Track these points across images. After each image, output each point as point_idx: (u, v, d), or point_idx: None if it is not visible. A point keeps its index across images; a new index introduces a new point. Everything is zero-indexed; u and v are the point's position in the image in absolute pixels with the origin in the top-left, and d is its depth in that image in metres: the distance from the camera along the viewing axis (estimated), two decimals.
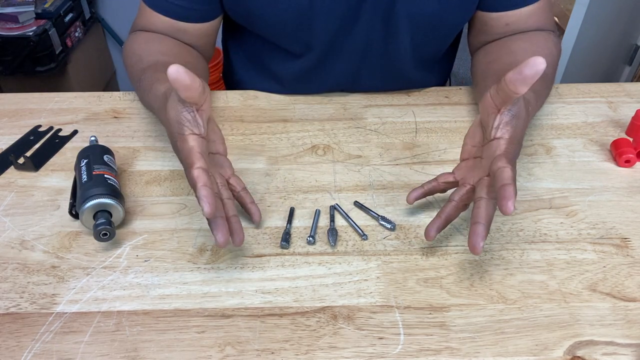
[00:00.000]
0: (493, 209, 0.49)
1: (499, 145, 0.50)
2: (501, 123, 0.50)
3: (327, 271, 0.53)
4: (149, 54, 0.67)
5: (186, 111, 0.50)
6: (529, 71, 0.45)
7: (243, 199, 0.57)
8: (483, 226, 0.47)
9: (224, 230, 0.48)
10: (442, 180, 0.56)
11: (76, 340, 0.47)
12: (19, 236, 0.57)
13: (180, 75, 0.45)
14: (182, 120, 0.50)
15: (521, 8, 0.70)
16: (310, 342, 0.47)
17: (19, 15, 1.64)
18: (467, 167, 0.54)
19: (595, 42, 1.49)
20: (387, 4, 0.67)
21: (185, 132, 0.50)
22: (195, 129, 0.50)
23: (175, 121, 0.50)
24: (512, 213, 0.44)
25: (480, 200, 0.49)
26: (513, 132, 0.50)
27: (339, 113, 0.76)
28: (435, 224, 0.53)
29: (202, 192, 0.46)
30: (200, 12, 0.70)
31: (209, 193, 0.46)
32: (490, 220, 0.48)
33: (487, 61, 0.71)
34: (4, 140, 0.71)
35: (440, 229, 0.53)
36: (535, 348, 0.46)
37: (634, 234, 0.57)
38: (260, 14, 0.69)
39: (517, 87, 0.46)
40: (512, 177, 0.46)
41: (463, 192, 0.53)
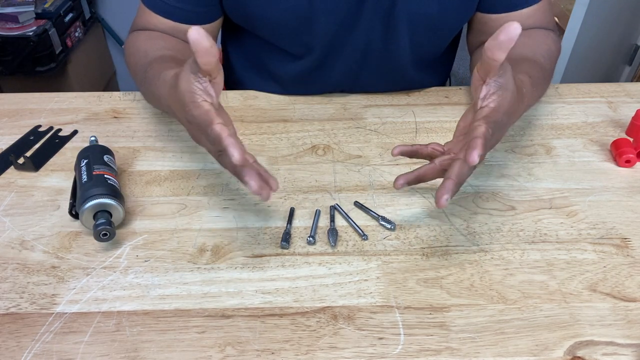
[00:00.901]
0: (467, 169, 0.50)
1: (482, 112, 0.51)
2: (487, 94, 0.51)
3: (327, 271, 0.53)
4: (154, 49, 0.67)
5: (198, 81, 0.49)
6: (503, 36, 0.45)
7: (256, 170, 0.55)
8: (452, 182, 0.48)
9: (256, 177, 0.47)
10: (432, 146, 0.56)
11: (76, 340, 0.47)
12: (19, 236, 0.57)
13: (201, 37, 0.44)
14: (194, 89, 0.49)
15: (521, 9, 0.70)
16: (311, 342, 0.47)
17: (19, 15, 1.64)
18: (456, 141, 0.55)
19: (595, 42, 1.49)
20: (388, 5, 0.67)
21: (197, 99, 0.49)
22: (208, 98, 0.49)
23: (187, 91, 0.49)
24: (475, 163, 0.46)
25: (456, 161, 0.50)
26: (499, 101, 0.51)
27: (339, 113, 0.76)
28: (407, 175, 0.54)
29: (229, 140, 0.45)
30: (200, 14, 0.70)
31: (237, 140, 0.46)
32: (461, 179, 0.49)
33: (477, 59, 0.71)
34: (4, 140, 0.71)
35: (410, 181, 0.54)
36: (536, 348, 0.46)
37: (634, 234, 0.57)
38: (260, 16, 0.69)
39: (494, 52, 0.47)
40: (484, 133, 0.47)
41: (445, 157, 0.54)
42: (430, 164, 0.54)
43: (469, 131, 0.49)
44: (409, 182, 0.55)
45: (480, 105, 0.51)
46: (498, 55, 0.47)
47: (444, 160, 0.53)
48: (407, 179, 0.55)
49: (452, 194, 0.48)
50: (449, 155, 0.54)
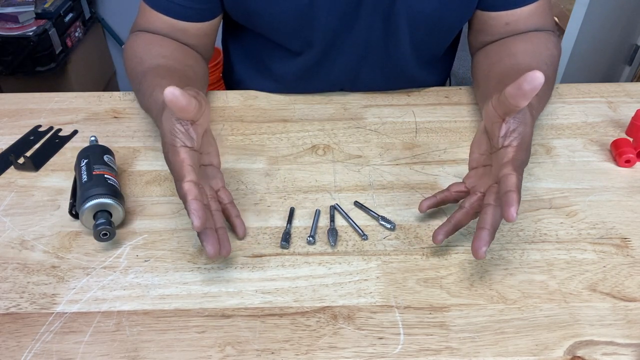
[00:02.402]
0: (500, 216, 0.49)
1: (507, 153, 0.50)
2: (508, 131, 0.51)
3: (327, 271, 0.53)
4: (150, 56, 0.67)
5: (179, 124, 0.50)
6: (527, 86, 0.45)
7: (229, 211, 0.57)
8: (487, 232, 0.48)
9: (214, 242, 0.49)
10: (454, 190, 0.56)
11: (76, 340, 0.47)
12: (19, 236, 0.57)
13: (176, 97, 0.46)
14: (175, 131, 0.50)
15: (521, 7, 0.70)
16: (310, 342, 0.47)
17: (19, 15, 1.64)
18: (477, 175, 0.55)
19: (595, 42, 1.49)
20: (388, 3, 0.67)
21: (177, 143, 0.50)
22: (188, 142, 0.50)
23: (168, 132, 0.51)
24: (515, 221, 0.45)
25: (488, 207, 0.49)
26: (521, 139, 0.50)
27: (339, 113, 0.76)
28: (444, 228, 0.53)
29: (192, 206, 0.47)
30: (200, 11, 0.70)
31: (199, 206, 0.47)
32: (495, 227, 0.49)
33: (488, 63, 0.71)
34: (4, 140, 0.71)
35: (449, 233, 0.53)
36: (535, 348, 0.46)
37: (634, 234, 0.57)
38: (261, 13, 0.69)
39: (517, 101, 0.47)
40: (516, 184, 0.47)
41: (474, 199, 0.53)
42: (461, 209, 0.53)
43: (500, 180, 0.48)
44: (448, 235, 0.53)
45: (502, 144, 0.51)
46: (522, 103, 0.47)
47: (474, 202, 0.53)
48: (446, 232, 0.53)
49: (489, 244, 0.48)
50: (476, 196, 0.53)
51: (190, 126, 0.51)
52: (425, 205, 0.56)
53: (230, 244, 0.52)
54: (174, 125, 0.50)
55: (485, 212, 0.49)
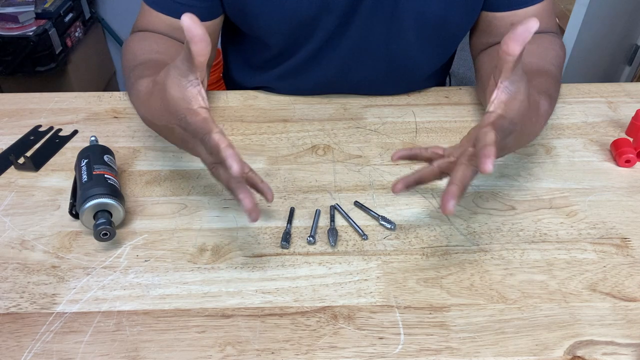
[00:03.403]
0: (471, 174, 0.49)
1: (489, 117, 0.49)
2: (496, 99, 0.50)
3: (327, 271, 0.53)
4: (142, 52, 0.67)
5: (191, 85, 0.48)
6: (521, 28, 0.44)
7: (252, 179, 0.55)
8: (456, 187, 0.47)
9: (250, 195, 0.47)
10: (432, 150, 0.55)
11: (76, 340, 0.47)
12: (19, 236, 0.57)
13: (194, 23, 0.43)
14: (188, 95, 0.48)
15: (526, 8, 0.70)
16: (311, 342, 0.47)
17: (19, 15, 1.64)
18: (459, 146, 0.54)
19: (595, 42, 1.49)
20: (390, 4, 0.67)
21: (193, 105, 0.48)
22: (202, 103, 0.48)
23: (180, 99, 0.48)
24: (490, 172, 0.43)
25: (459, 166, 0.49)
26: (506, 109, 0.49)
27: (339, 113, 0.76)
28: (406, 179, 0.53)
29: (228, 152, 0.44)
30: (201, 10, 0.70)
31: (235, 152, 0.44)
32: (464, 184, 0.48)
33: (493, 65, 0.71)
34: (4, 140, 0.71)
35: (409, 185, 0.53)
36: (536, 348, 0.46)
37: (634, 234, 0.57)
38: (258, 14, 0.69)
39: (509, 45, 0.45)
40: (494, 140, 0.45)
41: (445, 160, 0.53)
42: (428, 167, 0.54)
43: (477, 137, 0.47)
44: (408, 186, 0.54)
45: (487, 109, 0.50)
46: (513, 47, 0.45)
47: (443, 163, 0.53)
48: (406, 182, 0.54)
49: (458, 199, 0.47)
50: (448, 159, 0.53)
51: (201, 87, 0.48)
52: (399, 154, 0.55)
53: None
54: (185, 90, 0.48)
55: (456, 170, 0.49)
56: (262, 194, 0.56)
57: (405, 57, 0.74)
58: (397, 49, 0.72)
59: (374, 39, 0.71)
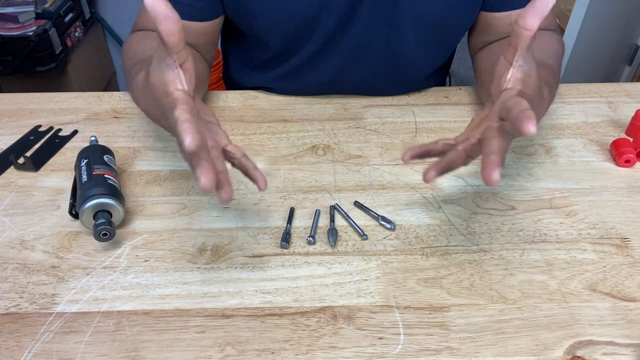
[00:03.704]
0: (507, 143, 0.46)
1: (512, 91, 0.48)
2: (513, 76, 0.49)
3: (327, 271, 0.53)
4: (142, 50, 0.67)
5: (169, 69, 0.46)
6: (539, 3, 0.44)
7: (245, 165, 0.51)
8: (496, 155, 0.44)
9: (208, 172, 0.42)
10: (443, 142, 0.53)
11: (76, 340, 0.47)
12: (19, 236, 0.57)
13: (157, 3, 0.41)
14: (165, 79, 0.46)
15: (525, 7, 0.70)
16: (310, 342, 0.47)
17: (19, 15, 1.64)
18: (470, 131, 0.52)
19: (595, 42, 1.49)
20: (390, 3, 0.67)
21: (169, 88, 0.46)
22: (179, 85, 0.47)
23: (158, 82, 0.47)
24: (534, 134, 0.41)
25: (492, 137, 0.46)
26: (524, 86, 0.48)
27: (339, 113, 0.76)
28: (437, 165, 0.50)
29: (183, 126, 0.40)
30: (201, 9, 0.70)
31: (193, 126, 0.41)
32: (503, 152, 0.45)
33: (492, 61, 0.71)
34: (4, 140, 0.71)
35: (441, 171, 0.51)
36: (535, 348, 0.46)
37: (634, 234, 0.57)
38: (259, 14, 0.69)
39: (526, 20, 0.44)
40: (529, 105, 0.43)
41: (468, 143, 0.50)
42: (454, 150, 0.51)
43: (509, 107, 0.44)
44: (439, 173, 0.51)
45: (505, 87, 0.49)
46: (531, 22, 0.44)
47: (467, 146, 0.50)
48: (438, 170, 0.50)
49: (501, 168, 0.43)
50: (471, 141, 0.50)
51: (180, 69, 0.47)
52: (410, 154, 0.53)
53: (231, 188, 0.46)
54: (163, 74, 0.47)
55: (491, 141, 0.45)
56: (254, 182, 0.51)
57: (405, 57, 0.74)
58: (397, 49, 0.72)
59: (374, 39, 0.71)
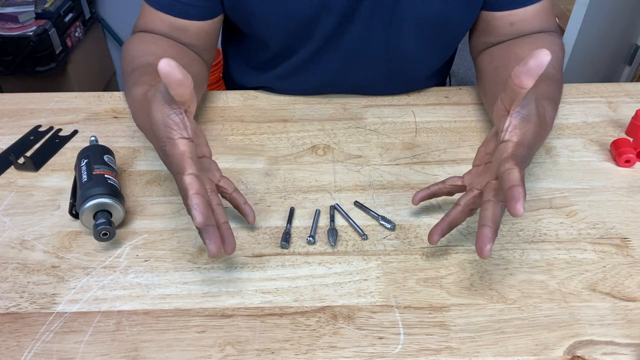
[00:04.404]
0: (500, 211, 0.48)
1: (507, 148, 0.49)
2: (510, 125, 0.50)
3: (327, 271, 0.53)
4: (141, 54, 0.67)
5: (174, 114, 0.48)
6: (533, 63, 0.44)
7: (236, 200, 0.55)
8: (490, 229, 0.46)
9: (216, 239, 0.47)
10: (450, 183, 0.55)
11: (76, 340, 0.47)
12: (19, 236, 0.57)
13: (172, 69, 0.43)
14: (170, 123, 0.48)
15: (525, 7, 0.70)
16: (310, 342, 0.47)
17: (19, 15, 1.64)
18: (477, 172, 0.54)
19: (595, 42, 1.49)
20: (390, 4, 0.67)
21: (174, 136, 0.48)
22: (184, 132, 0.48)
23: (162, 124, 0.48)
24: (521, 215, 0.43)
25: (487, 203, 0.48)
26: (522, 135, 0.49)
27: (339, 113, 0.76)
28: (439, 227, 0.52)
29: (194, 201, 0.44)
30: (200, 9, 0.70)
31: (201, 201, 0.45)
32: (497, 223, 0.47)
33: (493, 67, 0.71)
34: (4, 140, 0.71)
35: (444, 233, 0.52)
36: (535, 348, 0.46)
37: (634, 234, 0.57)
38: (259, 14, 0.69)
39: (521, 80, 0.45)
40: (520, 178, 0.45)
41: (470, 196, 0.52)
42: (456, 207, 0.52)
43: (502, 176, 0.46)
44: (444, 234, 0.52)
45: (502, 137, 0.50)
46: (525, 81, 0.45)
47: (469, 200, 0.52)
48: (441, 231, 0.52)
49: (493, 240, 0.45)
50: (472, 194, 0.52)
51: (185, 115, 0.48)
52: (419, 197, 0.55)
53: (235, 240, 0.50)
54: (168, 117, 0.48)
55: (486, 209, 0.48)
56: (244, 216, 0.55)
57: (405, 57, 0.74)
58: (397, 49, 0.72)
59: (374, 39, 0.71)
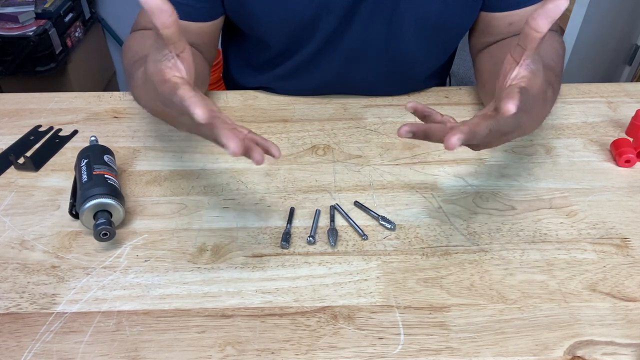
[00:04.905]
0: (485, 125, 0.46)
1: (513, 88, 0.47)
2: (518, 75, 0.49)
3: (327, 271, 0.53)
4: (143, 48, 0.66)
5: (165, 59, 0.47)
6: (551, 5, 0.44)
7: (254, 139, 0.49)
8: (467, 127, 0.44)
9: (233, 135, 0.42)
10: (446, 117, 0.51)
11: (76, 340, 0.47)
12: (19, 236, 0.57)
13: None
14: (162, 67, 0.47)
15: (525, 7, 0.70)
16: (311, 342, 0.47)
17: (19, 15, 1.64)
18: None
19: (595, 42, 1.49)
20: (390, 5, 0.67)
21: (167, 75, 0.46)
22: (177, 73, 0.47)
23: (156, 72, 0.47)
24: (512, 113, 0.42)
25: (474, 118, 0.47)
26: (530, 84, 0.48)
27: (339, 113, 0.76)
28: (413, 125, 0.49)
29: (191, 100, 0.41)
30: (201, 9, 0.70)
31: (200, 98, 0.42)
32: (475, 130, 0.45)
33: (493, 62, 0.71)
34: (4, 140, 0.71)
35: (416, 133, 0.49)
36: (535, 348, 0.46)
37: (634, 234, 0.57)
38: (259, 14, 0.69)
39: (537, 22, 0.44)
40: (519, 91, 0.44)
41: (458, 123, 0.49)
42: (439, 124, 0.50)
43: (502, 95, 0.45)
44: (415, 134, 0.49)
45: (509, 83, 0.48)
46: (542, 24, 0.44)
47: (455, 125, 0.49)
48: (413, 128, 0.49)
49: (465, 138, 0.43)
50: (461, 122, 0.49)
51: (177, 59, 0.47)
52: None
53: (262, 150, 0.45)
54: (159, 64, 0.47)
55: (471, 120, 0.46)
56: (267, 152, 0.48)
57: (405, 57, 0.74)
58: (397, 49, 0.72)
59: (374, 39, 0.71)
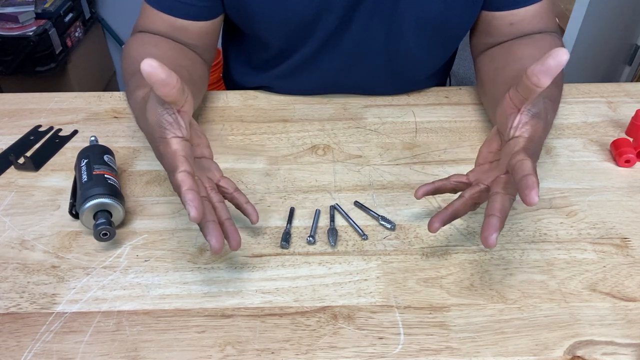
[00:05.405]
0: (509, 204, 0.47)
1: (518, 143, 0.49)
2: (520, 123, 0.49)
3: (327, 271, 0.53)
4: (142, 57, 0.67)
5: (167, 113, 0.48)
6: (552, 61, 0.44)
7: (237, 199, 0.54)
8: (497, 218, 0.45)
9: (217, 235, 0.46)
10: (454, 179, 0.54)
11: (76, 340, 0.47)
12: (19, 236, 0.57)
13: (154, 69, 0.43)
14: (163, 123, 0.48)
15: (525, 7, 0.70)
16: (310, 342, 0.47)
17: (19, 15, 1.64)
18: (482, 170, 0.53)
19: (595, 42, 1.49)
20: (390, 5, 0.67)
21: (167, 135, 0.48)
22: (178, 132, 0.48)
23: (156, 124, 0.48)
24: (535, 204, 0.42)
25: (496, 195, 0.47)
26: (533, 131, 0.49)
27: (339, 113, 0.76)
28: (441, 215, 0.51)
29: (187, 196, 0.44)
30: (201, 9, 0.70)
31: (195, 196, 0.44)
32: (505, 214, 0.47)
33: (494, 67, 0.71)
34: (4, 140, 0.71)
35: (445, 222, 0.51)
36: (535, 348, 0.46)
37: (634, 234, 0.57)
38: (259, 14, 0.69)
39: (539, 79, 0.45)
40: (533, 168, 0.44)
41: (475, 190, 0.51)
42: (460, 198, 0.51)
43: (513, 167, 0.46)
44: (444, 223, 0.51)
45: (512, 134, 0.49)
46: (544, 80, 0.45)
47: (474, 193, 0.51)
48: (442, 219, 0.51)
49: (499, 231, 0.45)
50: (478, 187, 0.51)
51: (178, 114, 0.48)
52: (422, 191, 0.54)
53: (239, 236, 0.49)
54: (162, 117, 0.48)
55: (494, 201, 0.47)
56: (247, 215, 0.54)
57: (405, 57, 0.74)
58: (397, 49, 0.72)
59: (374, 39, 0.71)
